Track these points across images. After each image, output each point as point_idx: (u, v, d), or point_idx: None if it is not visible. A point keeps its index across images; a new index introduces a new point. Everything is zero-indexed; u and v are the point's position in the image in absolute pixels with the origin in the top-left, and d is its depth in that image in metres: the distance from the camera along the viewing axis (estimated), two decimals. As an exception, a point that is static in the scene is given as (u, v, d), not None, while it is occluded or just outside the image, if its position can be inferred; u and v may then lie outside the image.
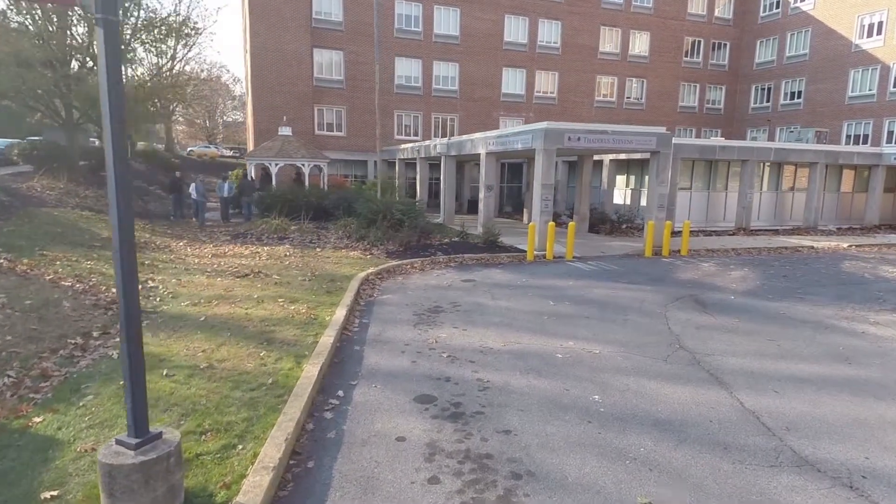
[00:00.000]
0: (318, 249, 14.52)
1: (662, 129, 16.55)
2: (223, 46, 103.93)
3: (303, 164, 21.10)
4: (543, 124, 15.44)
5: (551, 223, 15.27)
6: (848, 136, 34.68)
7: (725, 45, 41.07)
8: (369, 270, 12.11)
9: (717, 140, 22.38)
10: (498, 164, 28.65)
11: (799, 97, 37.73)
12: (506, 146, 17.39)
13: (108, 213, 11.91)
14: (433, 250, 15.06)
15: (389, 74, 32.95)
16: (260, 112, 29.50)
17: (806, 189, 24.67)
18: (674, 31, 39.35)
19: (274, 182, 20.88)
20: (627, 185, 24.20)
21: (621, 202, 24.43)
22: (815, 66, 36.68)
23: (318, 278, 10.98)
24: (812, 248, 18.77)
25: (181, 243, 14.88)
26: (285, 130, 22.10)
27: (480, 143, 18.93)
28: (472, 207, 30.18)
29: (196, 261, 12.42)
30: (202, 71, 49.38)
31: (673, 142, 20.60)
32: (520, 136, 16.50)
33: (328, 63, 31.81)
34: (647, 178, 17.37)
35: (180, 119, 62.37)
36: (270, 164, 20.63)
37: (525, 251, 15.32)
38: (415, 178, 25.58)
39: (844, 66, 34.94)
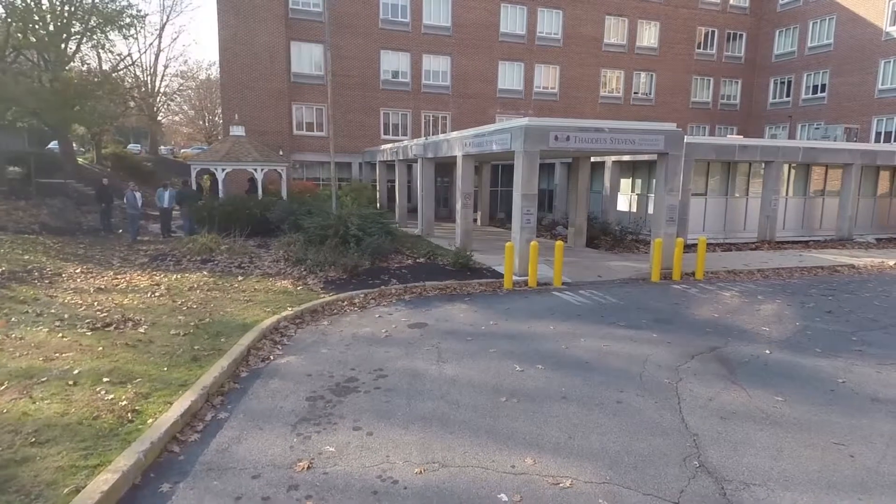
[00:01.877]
0: (239, 278, 11.57)
1: (672, 126, 13.41)
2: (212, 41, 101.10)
3: (255, 169, 18.19)
4: (523, 121, 12.36)
5: (534, 243, 12.20)
6: (878, 134, 31.14)
7: (741, 35, 37.55)
8: (285, 313, 9.13)
9: (737, 138, 19.14)
10: (490, 167, 25.54)
11: (822, 91, 34.18)
12: (482, 147, 14.33)
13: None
14: (388, 276, 12.05)
15: (374, 69, 29.98)
16: (230, 111, 26.65)
17: (838, 194, 21.30)
18: (685, 20, 35.93)
19: (221, 190, 18.01)
20: (633, 190, 21.02)
21: (626, 209, 21.27)
22: (840, 56, 33.12)
23: (202, 330, 8.01)
24: (853, 267, 15.49)
25: (80, 269, 12.01)
26: (237, 130, 19.25)
27: (456, 143, 15.89)
28: (462, 214, 27.08)
29: (68, 299, 9.53)
30: (187, 68, 46.72)
31: (685, 140, 17.43)
32: (496, 136, 13.44)
33: (307, 57, 28.90)
34: (655, 182, 14.26)
35: (176, 119, 59.95)
36: (216, 170, 17.79)
37: (511, 270, 12.23)
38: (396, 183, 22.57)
39: (874, 56, 31.37)
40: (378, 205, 25.33)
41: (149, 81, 41.48)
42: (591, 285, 12.73)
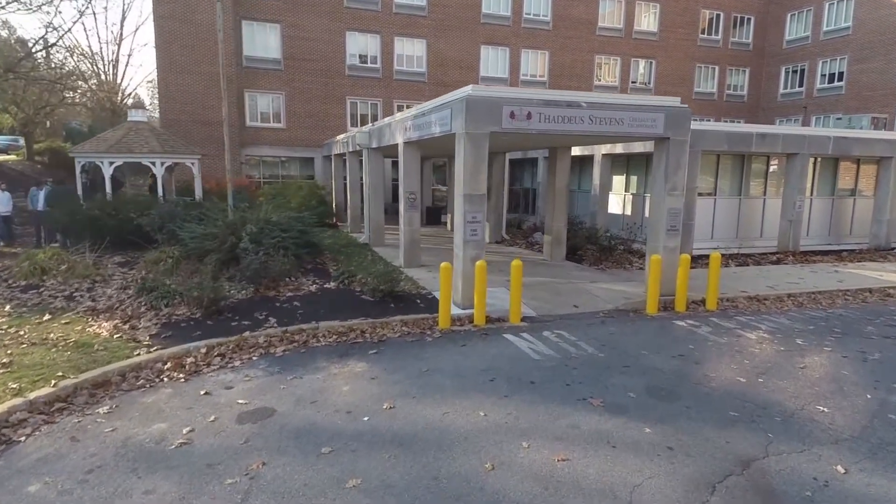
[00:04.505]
0: (46, 317, 7.89)
1: (675, 101, 9.66)
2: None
3: (153, 163, 14.51)
4: (465, 90, 8.64)
5: (481, 263, 8.48)
6: (903, 125, 27.24)
7: (749, 19, 33.66)
8: (42, 390, 5.47)
9: (754, 126, 15.37)
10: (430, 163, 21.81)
11: (840, 80, 30.30)
12: (422, 131, 10.61)
13: None
14: (269, 313, 8.32)
15: (340, 53, 26.26)
16: (168, 99, 23.00)
17: (873, 194, 17.51)
18: (688, 2, 32.08)
19: (109, 188, 14.33)
20: (627, 189, 17.28)
21: (619, 212, 17.53)
22: (860, 41, 29.23)
23: None
24: (909, 288, 11.74)
25: None
26: (137, 115, 15.57)
27: (398, 128, 12.18)
28: (432, 217, 23.41)
29: None
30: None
31: (691, 128, 13.68)
32: (435, 115, 9.74)
33: (261, 39, 25.16)
34: (652, 178, 10.47)
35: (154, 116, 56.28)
36: (102, 163, 14.13)
37: (448, 302, 8.52)
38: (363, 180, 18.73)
39: (899, 39, 27.50)
40: (334, 206, 21.65)
41: (109, 73, 37.82)
42: (562, 321, 9.02)
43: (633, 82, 31.82)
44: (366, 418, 5.42)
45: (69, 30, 33.46)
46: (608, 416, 5.66)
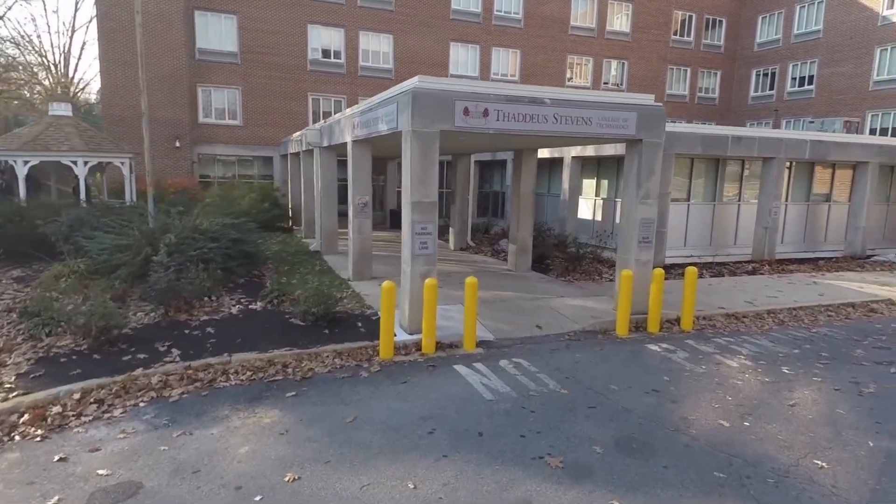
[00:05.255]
0: None
1: (649, 98, 8.64)
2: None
3: (74, 162, 12.93)
4: (412, 81, 7.46)
5: (431, 280, 7.30)
6: (872, 130, 27.07)
7: (721, 21, 33.25)
8: None
9: (730, 129, 14.55)
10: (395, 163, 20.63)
11: (810, 83, 30.03)
12: (370, 128, 9.40)
13: None
14: (174, 343, 7.01)
15: (301, 47, 24.79)
16: (112, 93, 21.27)
17: (848, 200, 16.91)
18: (660, 3, 31.46)
19: (22, 190, 12.71)
20: (598, 194, 16.33)
21: (590, 217, 16.58)
22: (830, 44, 28.99)
23: None
24: (892, 302, 10.98)
25: None
26: (59, 109, 13.97)
27: (347, 125, 10.93)
28: (397, 221, 22.14)
29: None
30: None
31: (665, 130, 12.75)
32: (382, 110, 8.53)
33: (216, 30, 23.55)
34: (623, 184, 9.36)
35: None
36: (16, 162, 12.51)
37: (390, 328, 7.31)
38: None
39: (868, 43, 27.30)
40: (290, 210, 20.27)
41: (61, 64, 35.60)
42: (523, 346, 7.91)
43: (605, 83, 31.05)
44: (258, 498, 4.19)
45: (2, 16, 31.08)
46: (569, 482, 4.54)
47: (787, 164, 15.69)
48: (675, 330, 8.96)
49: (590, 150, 15.59)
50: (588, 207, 16.71)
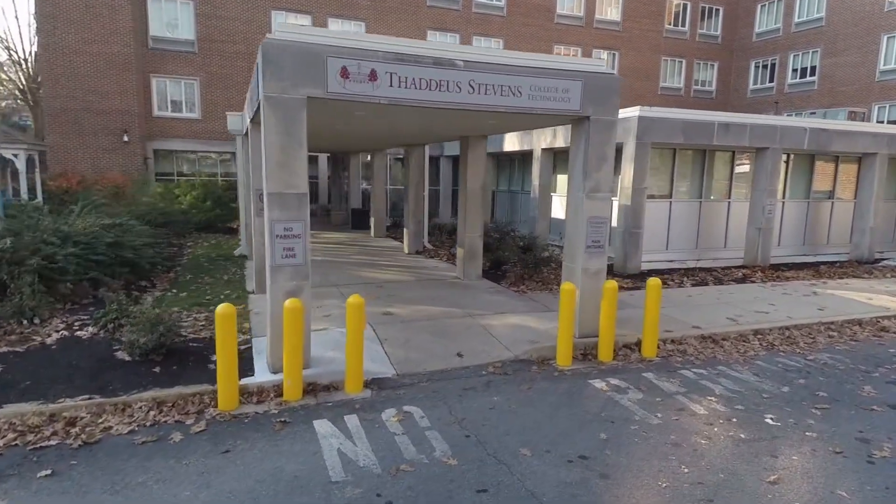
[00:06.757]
0: None
1: (598, 64, 6.73)
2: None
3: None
4: (273, 36, 5.57)
5: (293, 302, 5.40)
6: (879, 122, 24.89)
7: (718, 10, 31.17)
8: None
9: (717, 114, 12.56)
10: (331, 159, 18.77)
11: (812, 74, 27.94)
12: (252, 105, 7.52)
13: None
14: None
15: (264, 35, 22.82)
16: (53, 83, 19.51)
17: (854, 197, 14.88)
18: (653, -10, 29.43)
19: None
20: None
21: (564, 216, 14.62)
22: (833, 33, 26.89)
23: None
24: (907, 319, 8.99)
25: None
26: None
27: (247, 107, 9.07)
28: (359, 221, 20.29)
29: None
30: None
31: (638, 115, 10.80)
32: (254, 77, 6.65)
33: (170, 17, 21.76)
34: (568, 175, 7.33)
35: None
36: None
37: (233, 367, 5.46)
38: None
39: (874, 31, 25.20)
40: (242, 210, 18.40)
41: (29, 60, 33.96)
42: (428, 384, 6.01)
43: (594, 75, 29.04)
44: None
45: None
46: None
47: (784, 156, 13.69)
48: (634, 358, 7.02)
49: (560, 141, 13.68)
50: (562, 204, 14.78)
